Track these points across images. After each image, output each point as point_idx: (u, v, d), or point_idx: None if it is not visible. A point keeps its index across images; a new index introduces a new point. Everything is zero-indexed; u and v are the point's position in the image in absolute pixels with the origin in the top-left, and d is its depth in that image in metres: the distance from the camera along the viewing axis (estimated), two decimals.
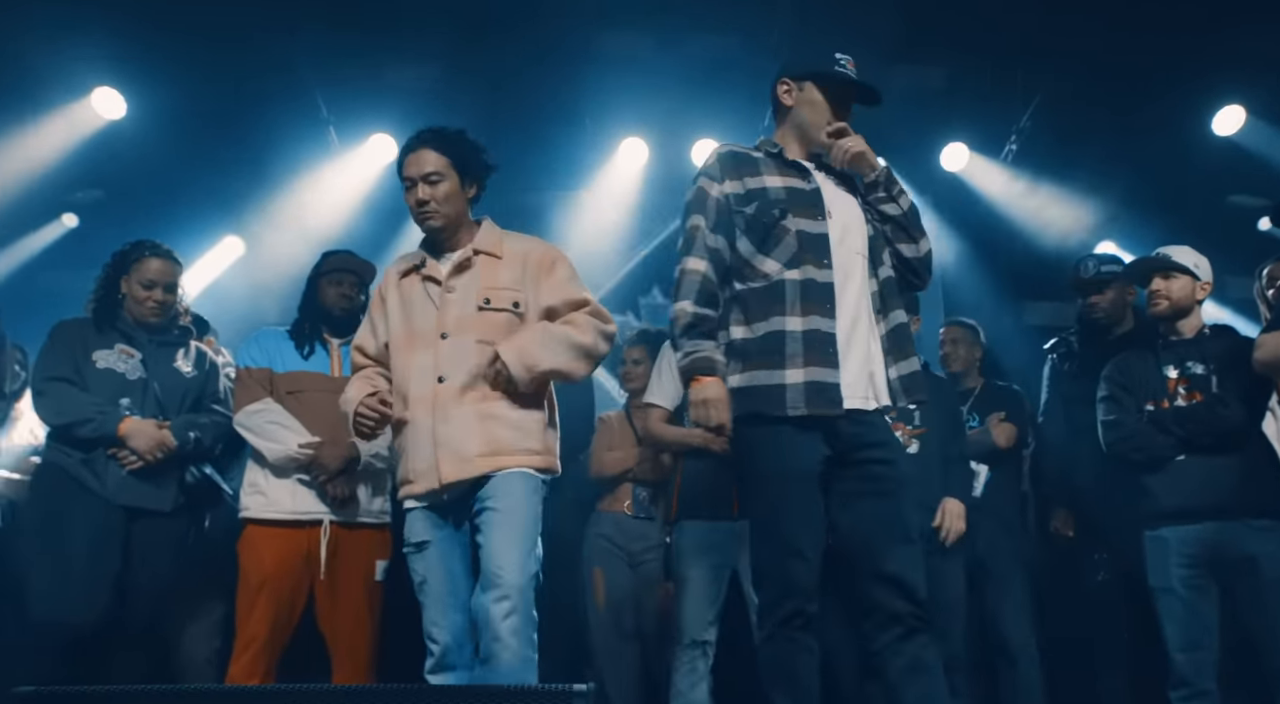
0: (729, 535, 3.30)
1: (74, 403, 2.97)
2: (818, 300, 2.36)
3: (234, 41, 5.26)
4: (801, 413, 2.30)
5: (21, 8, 4.81)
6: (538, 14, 5.30)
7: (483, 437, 2.46)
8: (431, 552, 2.51)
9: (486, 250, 2.62)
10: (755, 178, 2.46)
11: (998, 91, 5.80)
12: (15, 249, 5.75)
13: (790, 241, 2.39)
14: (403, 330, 2.58)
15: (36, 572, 2.92)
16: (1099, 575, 3.47)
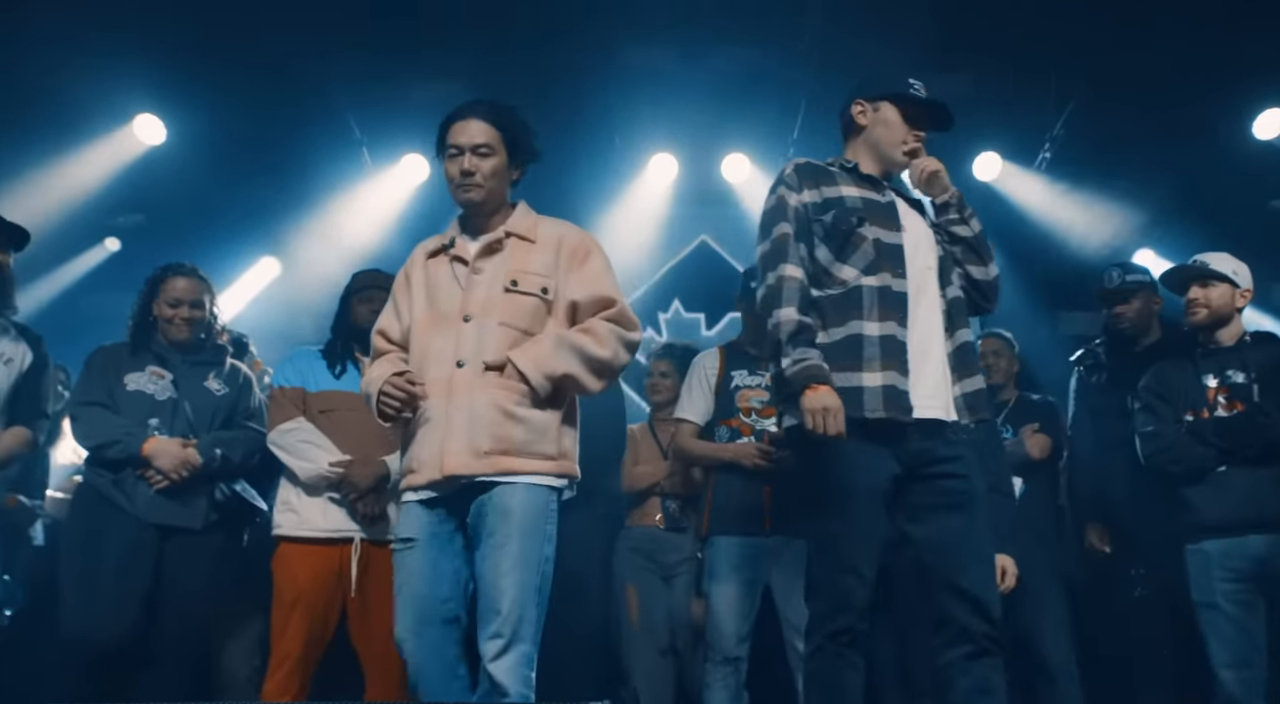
0: (761, 551, 3.29)
1: (104, 425, 3.03)
2: (894, 308, 2.40)
3: (269, 67, 5.37)
4: (879, 415, 2.32)
5: (65, 38, 4.95)
6: (564, 31, 5.35)
7: (494, 432, 2.28)
8: (418, 552, 2.30)
9: (519, 233, 2.47)
10: (832, 187, 2.51)
11: (1030, 98, 5.75)
12: (60, 273, 5.88)
13: (867, 249, 2.43)
14: (426, 311, 2.45)
15: (67, 589, 2.97)
16: (1136, 591, 3.39)
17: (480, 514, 2.29)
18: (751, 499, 3.29)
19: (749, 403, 3.42)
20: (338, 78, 5.51)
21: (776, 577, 3.27)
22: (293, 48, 5.26)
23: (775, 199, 2.53)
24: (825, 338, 2.41)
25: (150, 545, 2.98)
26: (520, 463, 2.30)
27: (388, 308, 2.58)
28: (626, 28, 5.46)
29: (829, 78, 5.62)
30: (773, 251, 2.47)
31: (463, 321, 2.37)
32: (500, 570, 2.22)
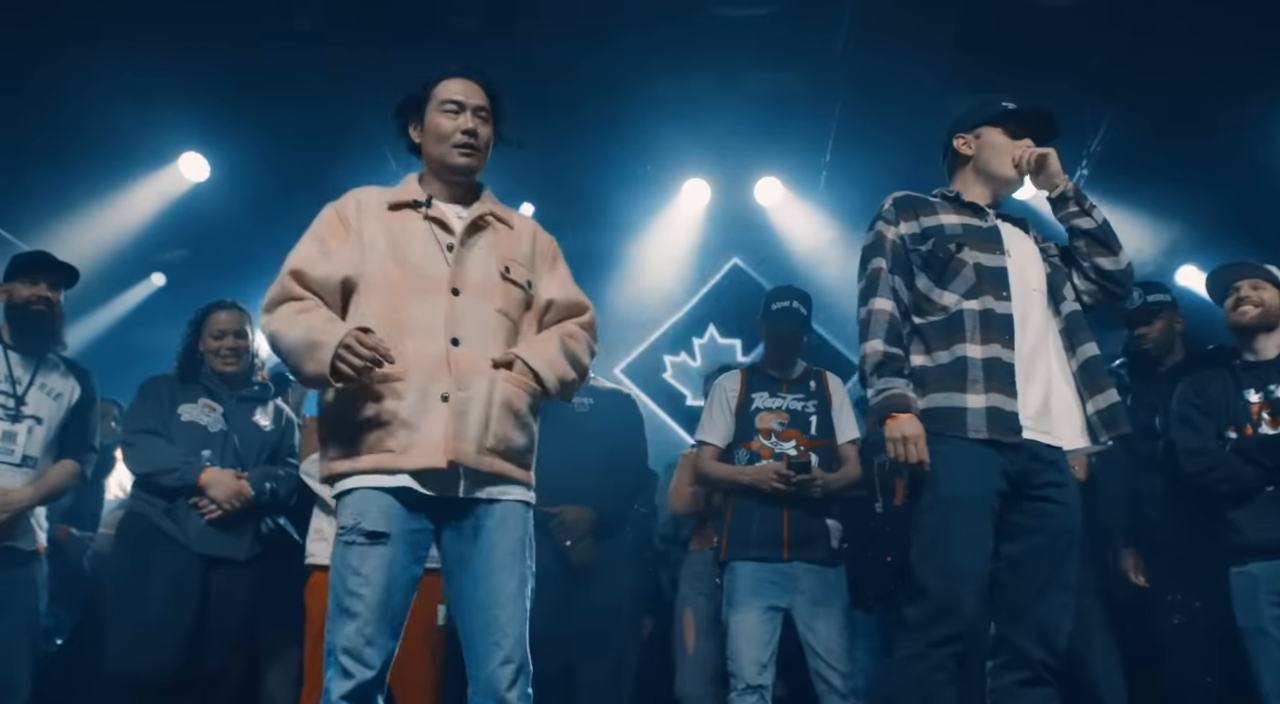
0: (782, 576, 3.24)
1: (160, 453, 3.09)
2: (998, 330, 2.38)
3: (307, 104, 5.51)
4: (983, 436, 2.30)
5: (115, 80, 5.11)
6: (596, 59, 5.42)
7: (497, 429, 2.08)
8: (388, 551, 2.00)
9: (501, 217, 2.30)
10: (931, 217, 2.52)
11: (1066, 116, 5.69)
12: (109, 308, 6.04)
13: (968, 274, 2.42)
14: (393, 271, 2.12)
15: (114, 619, 3.04)
16: (1175, 618, 3.28)
17: (465, 536, 2.09)
18: (770, 524, 3.25)
19: (769, 425, 3.39)
20: (373, 114, 5.62)
21: (797, 603, 3.23)
22: (330, 85, 5.39)
23: (873, 235, 2.55)
24: (929, 362, 2.42)
25: (197, 576, 3.03)
26: (513, 470, 2.13)
27: (307, 248, 2.17)
28: (660, 56, 5.52)
29: (859, 100, 5.65)
30: (867, 286, 2.50)
31: (451, 293, 2.13)
32: (506, 597, 2.06)
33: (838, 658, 3.19)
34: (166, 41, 4.98)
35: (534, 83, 5.57)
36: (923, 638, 2.24)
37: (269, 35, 5.05)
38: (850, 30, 5.25)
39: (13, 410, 3.06)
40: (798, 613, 3.24)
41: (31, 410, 3.09)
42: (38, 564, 3.11)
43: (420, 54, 5.36)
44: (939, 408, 2.35)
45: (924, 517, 2.34)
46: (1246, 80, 4.93)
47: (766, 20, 5.29)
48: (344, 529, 2.03)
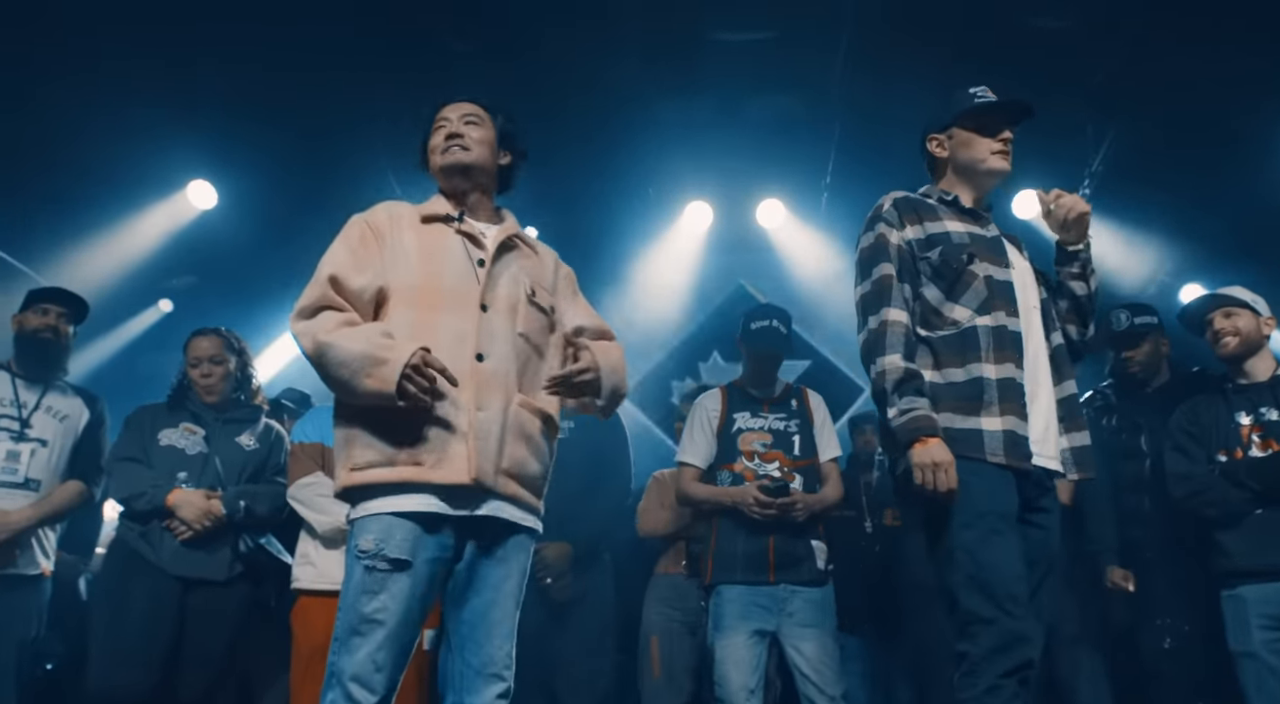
0: (769, 599, 3.22)
1: (133, 478, 3.14)
2: (1010, 348, 2.28)
3: (312, 131, 5.58)
4: (1000, 461, 2.21)
5: (123, 108, 5.20)
6: (596, 85, 5.47)
7: (511, 452, 2.09)
8: (408, 579, 1.99)
9: (527, 242, 2.36)
10: (935, 222, 2.39)
11: (1067, 135, 5.69)
12: (117, 334, 6.12)
13: (980, 287, 2.31)
14: (425, 281, 2.13)
15: (94, 642, 3.06)
16: (1165, 641, 3.23)
17: (477, 566, 2.10)
18: (756, 546, 3.23)
19: (751, 446, 3.37)
20: (378, 139, 5.69)
21: (785, 626, 3.21)
22: (334, 112, 5.47)
23: (874, 237, 2.40)
24: (940, 378, 2.30)
25: (174, 597, 3.06)
26: (525, 495, 2.14)
27: (341, 251, 2.16)
28: (660, 81, 5.56)
29: (858, 121, 5.66)
30: (874, 294, 2.35)
31: (480, 309, 2.14)
32: (509, 629, 2.10)
33: (828, 681, 3.15)
34: (174, 71, 5.08)
35: (534, 108, 5.63)
36: (992, 671, 2.09)
37: (273, 64, 5.12)
38: (848, 53, 5.27)
39: (17, 432, 3.11)
40: (785, 636, 3.21)
41: (36, 433, 3.17)
42: (39, 589, 3.16)
43: (422, 79, 5.42)
44: (955, 429, 2.23)
45: (960, 536, 2.18)
46: (1251, 88, 4.90)
47: (765, 44, 5.33)
48: (365, 553, 2.00)
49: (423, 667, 3.03)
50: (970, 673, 2.12)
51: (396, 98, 5.46)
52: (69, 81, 5.01)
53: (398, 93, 5.44)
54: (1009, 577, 2.13)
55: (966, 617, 2.15)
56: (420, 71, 5.35)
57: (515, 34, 5.24)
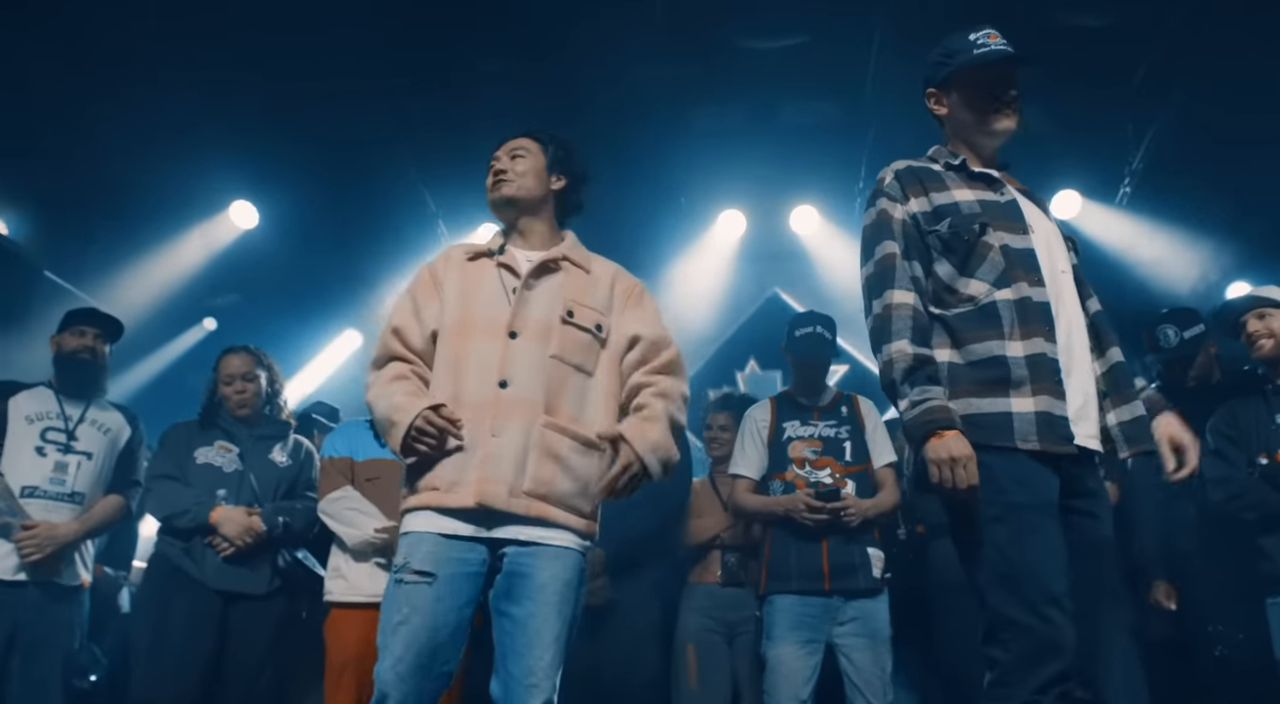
0: (822, 609, 3.18)
1: (174, 497, 3.20)
2: (1038, 321, 2.04)
3: (347, 151, 5.69)
4: (1033, 447, 1.96)
5: (169, 134, 5.34)
6: (627, 95, 5.49)
7: (535, 473, 2.12)
8: (434, 592, 2.04)
9: (576, 260, 2.36)
10: (942, 192, 2.16)
11: (1107, 132, 5.60)
12: (163, 352, 6.27)
13: (995, 258, 2.08)
14: (460, 316, 2.24)
15: (138, 654, 3.13)
16: (1216, 650, 3.14)
17: (515, 577, 2.11)
18: (809, 556, 3.19)
19: (802, 454, 3.33)
20: (411, 155, 5.78)
21: (839, 635, 3.17)
22: (370, 133, 5.56)
23: (876, 213, 2.19)
24: (959, 358, 2.08)
25: (215, 611, 3.12)
26: (556, 514, 2.14)
27: (404, 305, 2.33)
28: (691, 90, 5.58)
29: (892, 125, 5.61)
30: (878, 275, 2.12)
31: (508, 336, 2.20)
32: (547, 640, 2.07)
33: (877, 693, 3.11)
34: (215, 97, 5.20)
35: (566, 120, 5.67)
36: (1024, 684, 1.86)
37: (306, 87, 5.23)
38: (880, 56, 5.23)
39: (64, 445, 3.20)
40: (839, 645, 3.17)
41: (82, 445, 3.25)
42: (79, 600, 3.23)
43: (454, 98, 5.51)
44: (981, 414, 2.00)
45: (991, 531, 1.97)
46: None
47: (796, 50, 5.31)
48: (396, 567, 2.12)
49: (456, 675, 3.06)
50: (1001, 683, 1.91)
51: (427, 114, 5.55)
52: (115, 110, 5.16)
53: (428, 109, 5.53)
54: (1047, 577, 1.90)
55: (996, 620, 1.94)
56: (450, 87, 5.44)
57: (545, 47, 5.29)
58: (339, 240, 6.17)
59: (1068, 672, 1.87)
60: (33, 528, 3.07)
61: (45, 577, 3.09)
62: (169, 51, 4.89)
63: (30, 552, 3.04)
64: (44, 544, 3.06)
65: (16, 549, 3.05)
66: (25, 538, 3.04)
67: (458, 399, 2.17)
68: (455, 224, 6.25)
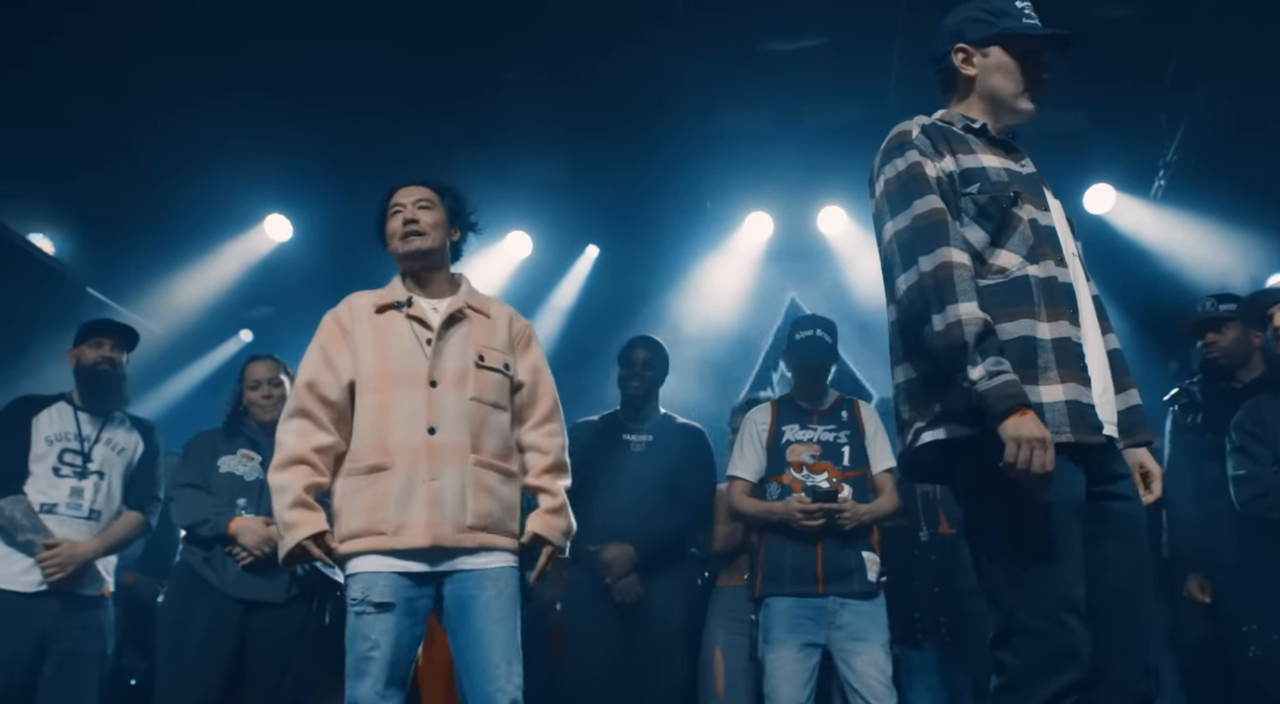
0: (818, 611, 3.18)
1: (195, 505, 3.28)
2: (1064, 303, 1.94)
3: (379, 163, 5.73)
4: (1066, 438, 1.84)
5: (204, 152, 5.47)
6: (653, 98, 5.51)
7: (475, 508, 2.34)
8: (393, 617, 2.27)
9: (476, 307, 2.54)
10: (970, 155, 2.02)
11: (1140, 125, 5.50)
12: (200, 364, 6.40)
13: (1026, 231, 1.97)
14: (378, 368, 2.39)
15: (161, 661, 3.23)
16: (1250, 651, 3.06)
17: (465, 601, 2.33)
18: (804, 558, 3.22)
19: (800, 458, 3.36)
20: (439, 167, 5.82)
21: (835, 639, 3.16)
22: (398, 146, 5.63)
23: (907, 166, 2.00)
24: None
25: (235, 619, 3.18)
26: (495, 539, 2.37)
27: (315, 357, 2.46)
28: (716, 94, 5.59)
29: None
30: (925, 230, 1.93)
31: (429, 386, 2.37)
32: (501, 648, 2.31)
33: (877, 695, 3.10)
34: (250, 112, 5.31)
35: (591, 126, 5.71)
36: (1035, 693, 1.78)
37: (337, 100, 5.32)
38: (903, 55, 5.20)
39: (80, 468, 3.28)
40: (835, 649, 3.18)
41: (98, 466, 3.32)
42: (104, 609, 3.31)
43: (481, 111, 5.57)
44: None
45: (1013, 531, 1.86)
46: None
47: (818, 52, 5.30)
48: (354, 601, 2.31)
49: None
50: (1010, 688, 1.83)
51: (454, 127, 5.61)
52: (153, 132, 5.30)
53: (455, 122, 5.60)
54: (1067, 581, 1.81)
55: (1010, 623, 1.85)
56: (476, 101, 5.50)
57: (570, 59, 5.33)
58: (369, 250, 6.21)
59: (1083, 681, 1.78)
60: (54, 547, 3.15)
61: (68, 589, 3.18)
62: (201, 76, 5.00)
63: (53, 570, 3.13)
64: (66, 563, 3.15)
65: (39, 565, 3.13)
66: (48, 557, 3.13)
67: (385, 446, 2.33)
68: (482, 232, 6.28)
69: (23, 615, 3.10)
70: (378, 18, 4.86)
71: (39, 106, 5.01)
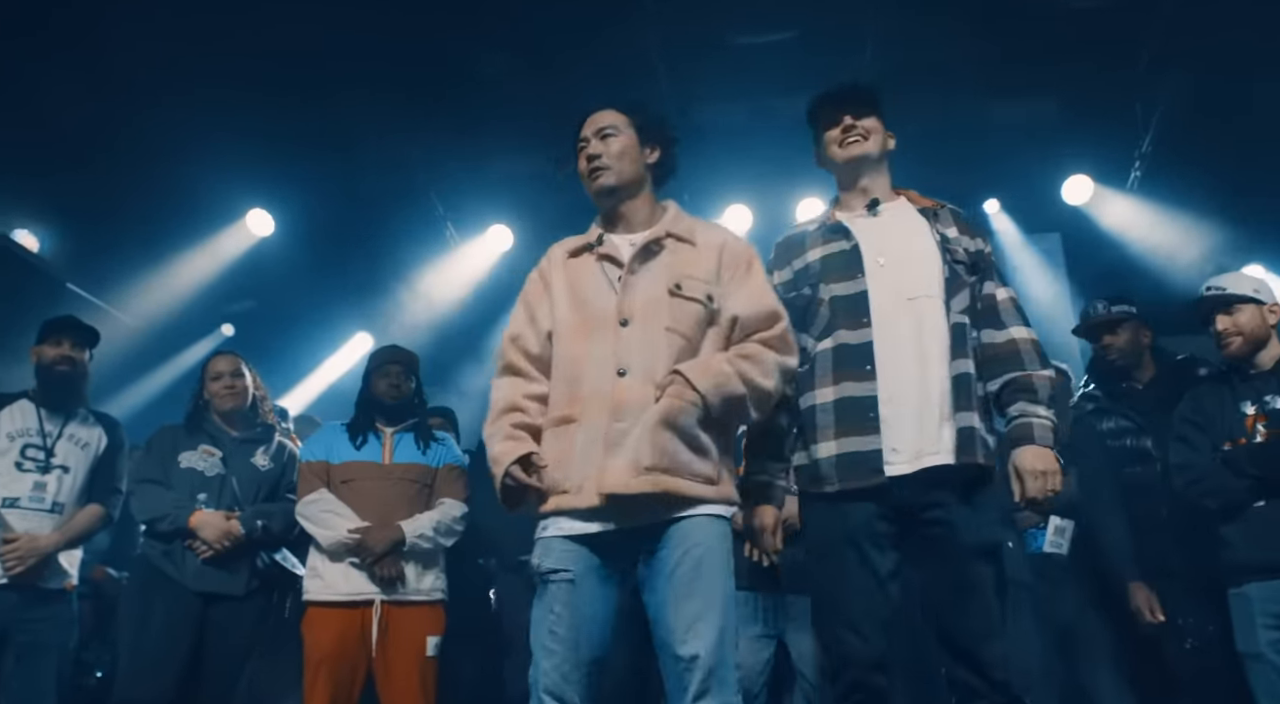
0: (774, 606, 3.21)
1: (155, 500, 3.30)
2: (852, 363, 2.25)
3: (357, 158, 5.81)
4: (835, 488, 2.22)
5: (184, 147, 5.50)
6: (631, 93, 5.49)
7: (658, 447, 2.03)
8: (572, 588, 2.05)
9: (679, 233, 2.27)
10: (800, 257, 2.43)
11: (1114, 119, 5.50)
12: (182, 357, 6.46)
13: (823, 312, 2.32)
14: (573, 315, 2.21)
15: (121, 654, 3.24)
16: (1187, 643, 3.07)
17: (655, 557, 2.05)
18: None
19: None
20: (419, 160, 5.87)
21: (790, 633, 3.19)
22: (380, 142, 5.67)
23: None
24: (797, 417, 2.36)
25: (195, 612, 3.21)
26: (680, 484, 2.05)
27: (519, 313, 2.32)
28: (694, 87, 5.59)
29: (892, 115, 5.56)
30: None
31: (620, 326, 2.16)
32: (688, 619, 1.98)
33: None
34: (233, 107, 5.33)
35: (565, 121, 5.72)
36: (834, 694, 2.23)
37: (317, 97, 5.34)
38: (875, 47, 5.20)
39: (43, 463, 3.32)
40: (791, 642, 3.21)
41: (60, 460, 3.35)
42: (67, 602, 3.33)
43: (458, 103, 5.58)
44: (800, 465, 2.33)
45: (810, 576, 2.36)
46: None
47: (788, 45, 5.31)
48: (536, 573, 2.11)
49: (427, 672, 3.14)
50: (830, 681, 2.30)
51: (432, 120, 5.63)
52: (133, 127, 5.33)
53: (432, 115, 5.61)
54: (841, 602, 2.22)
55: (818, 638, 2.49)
56: (453, 93, 5.51)
57: (546, 51, 5.34)
58: (351, 244, 6.31)
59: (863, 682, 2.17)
60: (14, 540, 3.17)
61: (29, 582, 3.20)
62: (182, 70, 5.03)
63: (13, 564, 3.15)
64: (26, 556, 3.17)
65: (0, 560, 3.16)
66: (8, 551, 3.16)
67: (577, 395, 2.14)
68: (463, 226, 6.35)
69: None
70: (358, 10, 4.87)
71: (19, 103, 5.03)
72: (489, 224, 6.36)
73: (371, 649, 3.08)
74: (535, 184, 6.12)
